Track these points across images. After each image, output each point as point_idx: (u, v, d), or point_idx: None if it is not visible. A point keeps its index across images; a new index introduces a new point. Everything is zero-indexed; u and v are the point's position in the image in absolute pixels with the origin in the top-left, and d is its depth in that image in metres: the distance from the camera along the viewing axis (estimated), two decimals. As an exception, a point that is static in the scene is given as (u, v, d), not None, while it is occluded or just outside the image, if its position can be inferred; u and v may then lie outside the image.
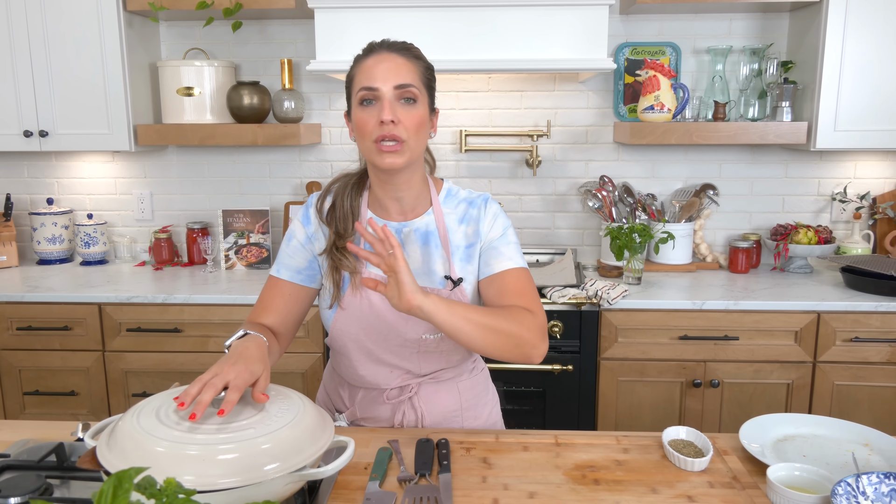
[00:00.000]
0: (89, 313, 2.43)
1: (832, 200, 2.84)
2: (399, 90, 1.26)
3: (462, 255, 1.38)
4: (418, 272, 1.36)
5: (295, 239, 1.41)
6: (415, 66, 1.30)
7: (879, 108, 2.46)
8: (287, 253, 1.42)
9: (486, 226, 1.38)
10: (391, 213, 1.38)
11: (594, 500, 1.08)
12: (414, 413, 1.41)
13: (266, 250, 2.84)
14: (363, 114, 1.27)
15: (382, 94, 1.25)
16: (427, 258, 1.37)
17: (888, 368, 2.31)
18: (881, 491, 1.05)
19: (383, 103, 1.25)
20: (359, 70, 1.30)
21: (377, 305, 1.34)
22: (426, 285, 1.35)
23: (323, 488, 1.15)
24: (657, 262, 2.77)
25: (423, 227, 1.38)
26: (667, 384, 2.38)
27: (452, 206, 1.40)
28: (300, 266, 1.41)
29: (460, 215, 1.39)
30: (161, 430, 1.00)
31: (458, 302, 1.21)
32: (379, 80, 1.25)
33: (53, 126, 2.62)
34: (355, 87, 1.29)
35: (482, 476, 1.16)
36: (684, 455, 1.19)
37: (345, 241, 1.35)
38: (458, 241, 1.38)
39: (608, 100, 2.83)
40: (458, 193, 1.42)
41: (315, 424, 1.08)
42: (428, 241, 1.37)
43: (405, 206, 1.37)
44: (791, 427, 1.33)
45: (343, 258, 1.34)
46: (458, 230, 1.38)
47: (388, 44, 1.31)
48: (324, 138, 2.91)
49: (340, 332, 1.39)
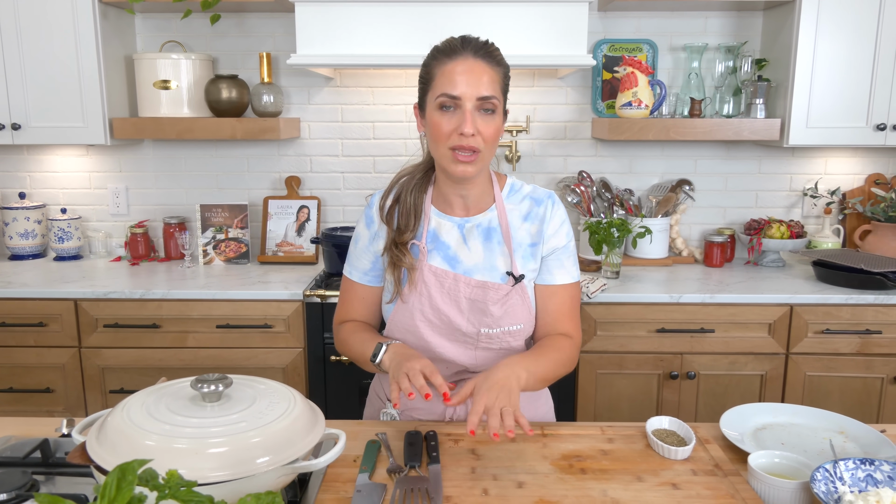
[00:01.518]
0: (65, 309, 2.40)
1: (804, 196, 2.91)
2: (481, 101, 1.24)
3: (525, 252, 1.38)
4: (479, 267, 1.36)
5: (360, 241, 1.44)
6: (496, 73, 1.28)
7: (849, 105, 2.52)
8: (355, 255, 1.45)
9: (551, 229, 1.39)
10: (455, 208, 1.39)
11: (582, 489, 1.10)
12: (465, 408, 1.41)
13: (245, 245, 2.82)
14: (441, 119, 1.25)
15: (464, 103, 1.24)
16: (489, 254, 1.37)
17: (858, 359, 2.38)
18: (857, 476, 1.08)
19: (465, 114, 1.24)
20: (440, 71, 1.27)
21: (436, 299, 1.35)
22: (487, 280, 1.36)
23: (313, 481, 1.15)
24: (635, 257, 2.81)
25: (486, 223, 1.38)
26: (645, 376, 2.42)
27: (516, 202, 1.40)
28: (366, 268, 1.44)
29: (524, 212, 1.39)
30: (152, 424, 0.99)
31: (532, 365, 1.25)
32: (462, 88, 1.24)
33: (27, 119, 2.57)
34: (435, 88, 1.27)
35: (471, 467, 1.18)
36: (668, 444, 1.22)
37: (406, 237, 1.36)
38: (522, 237, 1.38)
39: (586, 96, 2.86)
40: (522, 189, 1.42)
41: (306, 418, 1.08)
42: (490, 238, 1.37)
43: (469, 202, 1.38)
44: (769, 416, 1.36)
45: (401, 255, 1.35)
46: (521, 227, 1.39)
47: (472, 45, 1.28)
48: (303, 132, 2.89)
49: (399, 325, 1.40)
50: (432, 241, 1.38)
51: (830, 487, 1.06)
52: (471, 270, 1.37)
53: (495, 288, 1.35)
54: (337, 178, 2.93)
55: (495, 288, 1.35)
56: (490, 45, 1.31)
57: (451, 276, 1.36)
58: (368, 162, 2.91)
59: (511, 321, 1.37)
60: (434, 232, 1.39)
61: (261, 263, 2.81)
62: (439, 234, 1.39)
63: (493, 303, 1.35)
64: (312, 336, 2.41)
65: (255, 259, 2.86)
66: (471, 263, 1.37)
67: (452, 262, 1.37)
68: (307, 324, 2.40)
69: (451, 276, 1.36)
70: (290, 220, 2.85)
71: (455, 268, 1.37)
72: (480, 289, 1.35)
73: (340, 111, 2.88)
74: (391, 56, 2.36)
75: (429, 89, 1.29)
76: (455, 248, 1.38)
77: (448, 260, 1.37)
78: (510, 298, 1.36)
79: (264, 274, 2.64)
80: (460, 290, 1.35)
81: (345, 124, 2.89)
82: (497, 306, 1.35)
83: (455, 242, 1.38)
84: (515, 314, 1.37)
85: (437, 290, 1.36)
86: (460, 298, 1.36)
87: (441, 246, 1.38)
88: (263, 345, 2.41)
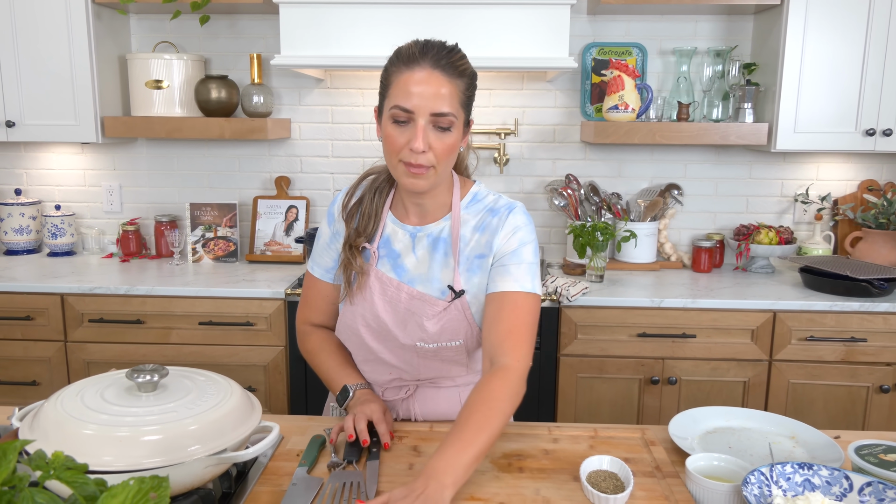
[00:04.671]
0: (52, 303, 2.44)
1: (795, 202, 2.88)
2: (435, 118, 1.19)
3: (471, 264, 1.31)
4: (422, 277, 1.32)
5: (322, 238, 1.43)
6: (456, 87, 1.21)
7: (837, 110, 2.50)
8: (318, 251, 1.44)
9: (502, 239, 1.29)
10: (410, 216, 1.35)
11: (515, 487, 1.10)
12: (409, 413, 1.41)
13: (234, 244, 2.85)
14: (394, 131, 1.21)
15: (417, 118, 1.19)
16: (433, 264, 1.32)
17: (843, 367, 2.35)
18: (794, 481, 1.07)
19: (416, 130, 1.19)
20: (396, 80, 1.21)
21: (377, 306, 1.33)
22: (426, 293, 1.31)
23: (251, 474, 1.16)
24: (622, 261, 2.79)
25: (437, 233, 1.33)
26: (625, 381, 2.41)
27: (474, 212, 1.34)
28: (328, 265, 1.43)
29: (478, 223, 1.32)
30: (84, 413, 1.01)
31: (459, 453, 1.06)
32: (415, 102, 1.18)
33: (21, 116, 2.62)
34: (390, 98, 1.22)
35: (409, 463, 1.18)
36: (602, 490, 1.07)
37: (359, 241, 1.34)
38: (471, 249, 1.31)
39: (575, 99, 2.85)
40: (485, 199, 1.35)
41: (242, 409, 1.09)
42: (437, 248, 1.33)
43: (425, 210, 1.34)
44: (722, 420, 1.35)
45: (353, 257, 1.33)
46: (472, 238, 1.32)
47: (432, 54, 1.20)
48: (293, 133, 2.92)
49: (345, 326, 1.40)
50: (384, 246, 1.36)
51: (765, 491, 1.05)
52: (413, 280, 1.32)
53: (432, 302, 1.30)
54: (326, 179, 2.95)
55: (432, 302, 1.30)
56: (454, 52, 1.23)
57: (394, 284, 1.32)
58: (358, 163, 2.93)
59: (449, 337, 1.32)
60: (388, 238, 1.36)
61: (249, 262, 2.84)
62: (392, 240, 1.35)
63: (429, 318, 1.30)
64: (294, 334, 2.41)
65: (244, 258, 2.89)
66: (415, 273, 1.33)
67: (399, 271, 1.33)
68: (289, 322, 2.41)
69: (395, 284, 1.32)
70: (278, 220, 2.87)
71: (400, 276, 1.33)
72: (419, 300, 1.30)
73: (331, 112, 2.90)
74: (374, 57, 2.37)
75: (385, 96, 1.24)
76: (403, 256, 1.34)
77: (395, 268, 1.34)
78: (448, 314, 1.30)
79: (251, 272, 2.66)
80: (401, 299, 1.31)
81: (335, 125, 2.91)
82: (432, 321, 1.30)
83: (404, 250, 1.34)
84: (454, 330, 1.31)
85: (379, 297, 1.33)
86: (399, 308, 1.32)
87: (391, 253, 1.35)
88: (245, 342, 2.43)
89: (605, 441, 1.28)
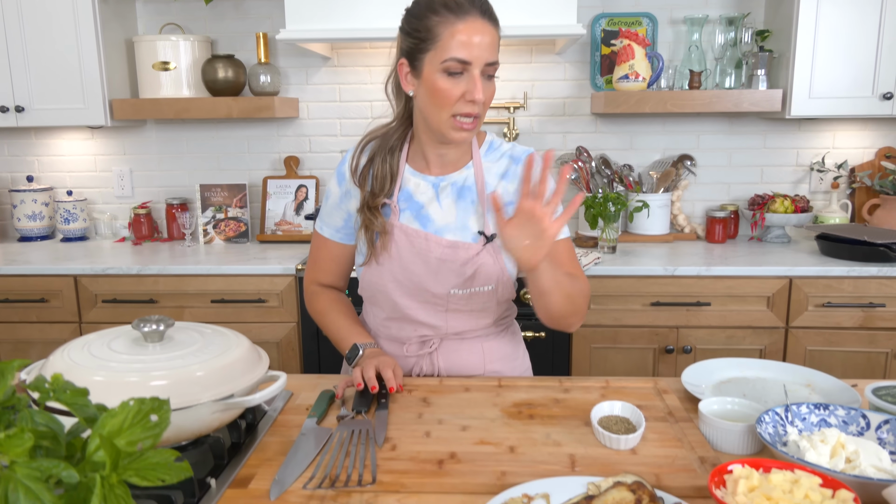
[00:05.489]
0: (65, 285, 2.45)
1: (811, 171, 2.83)
2: (487, 67, 1.20)
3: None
4: (451, 227, 1.33)
5: (332, 198, 1.43)
6: (497, 34, 1.23)
7: (853, 75, 2.45)
8: (326, 211, 1.44)
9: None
10: (431, 167, 1.36)
11: (525, 432, 1.08)
12: (432, 367, 1.41)
13: (244, 224, 2.85)
14: (447, 83, 1.19)
15: (473, 70, 1.19)
16: (461, 213, 1.33)
17: (860, 333, 2.31)
18: (810, 421, 1.05)
19: (474, 81, 1.19)
20: (446, 31, 1.18)
21: (406, 259, 1.33)
22: (458, 240, 1.32)
23: (261, 426, 1.15)
24: (634, 233, 2.77)
25: (461, 182, 1.35)
26: (639, 351, 2.38)
27: (494, 159, 1.36)
28: (338, 224, 1.43)
29: (502, 170, 1.35)
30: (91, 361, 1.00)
31: (558, 266, 1.21)
32: (476, 53, 1.18)
33: (30, 101, 2.63)
34: (440, 50, 1.19)
35: (419, 413, 1.17)
36: (614, 432, 1.06)
37: (378, 200, 1.34)
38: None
39: (585, 71, 2.82)
40: (501, 147, 1.38)
41: (248, 358, 1.08)
42: (463, 196, 1.34)
43: (447, 161, 1.35)
44: (736, 370, 1.33)
45: (374, 218, 1.33)
46: (497, 185, 1.34)
47: (479, 2, 1.21)
48: (301, 113, 2.91)
49: (371, 286, 1.39)
50: (405, 200, 1.36)
51: (780, 430, 1.02)
52: (442, 230, 1.33)
53: (465, 247, 1.31)
54: (335, 158, 2.94)
55: (465, 247, 1.31)
56: (489, 2, 1.25)
57: (422, 236, 1.33)
58: (367, 141, 2.91)
59: (482, 282, 1.34)
60: (408, 191, 1.36)
61: (260, 242, 2.84)
62: (413, 193, 1.36)
63: (464, 263, 1.32)
64: (306, 311, 2.42)
65: (255, 238, 2.89)
66: (442, 223, 1.34)
67: (424, 222, 1.34)
68: (300, 298, 2.41)
69: (423, 236, 1.33)
70: (288, 200, 2.87)
71: (426, 227, 1.34)
72: (451, 248, 1.32)
73: (338, 91, 2.89)
74: (382, 29, 2.35)
75: (429, 49, 1.20)
76: (427, 207, 1.35)
77: (420, 219, 1.34)
78: (481, 258, 1.32)
79: (262, 252, 2.66)
80: (431, 249, 1.32)
81: (343, 104, 2.90)
82: (467, 266, 1.32)
83: (428, 201, 1.35)
84: (487, 274, 1.33)
85: (407, 251, 1.33)
86: (430, 259, 1.33)
87: (414, 205, 1.35)
88: (258, 319, 2.43)
89: (617, 391, 1.26)
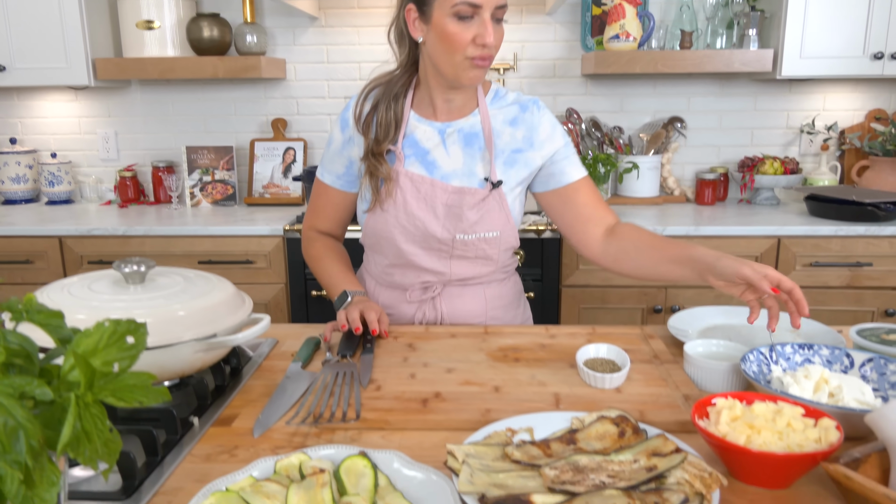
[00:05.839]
0: (50, 246, 2.43)
1: (801, 133, 2.82)
2: (497, 10, 1.21)
3: (508, 158, 1.33)
4: (458, 173, 1.33)
5: (334, 144, 1.42)
6: None
7: (845, 34, 2.43)
8: (328, 157, 1.44)
9: (544, 134, 1.33)
10: (437, 113, 1.35)
11: (510, 374, 1.09)
12: (435, 312, 1.41)
13: (231, 187, 2.82)
14: (457, 27, 1.20)
15: (484, 13, 1.19)
16: (468, 159, 1.33)
17: (848, 292, 2.32)
18: (795, 361, 1.05)
19: (485, 24, 1.19)
20: None
21: (411, 205, 1.32)
22: (465, 185, 1.32)
23: (245, 370, 1.15)
24: (624, 196, 2.76)
25: (468, 128, 1.34)
26: (628, 311, 2.39)
27: (501, 106, 1.36)
28: (339, 171, 1.42)
29: (509, 117, 1.35)
30: (71, 301, 0.99)
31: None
32: None
33: (11, 60, 2.58)
34: None
35: (404, 357, 1.17)
36: (599, 371, 1.07)
37: (384, 146, 1.33)
38: (505, 143, 1.34)
39: (575, 32, 2.79)
40: (507, 95, 1.37)
41: (231, 301, 1.08)
42: (471, 143, 1.33)
43: (454, 106, 1.34)
44: (722, 317, 1.33)
45: (378, 164, 1.32)
46: (505, 132, 1.34)
47: None
48: (289, 74, 2.87)
49: (375, 234, 1.38)
50: (410, 146, 1.34)
51: (764, 369, 1.03)
52: (448, 176, 1.33)
53: (472, 192, 1.31)
54: (324, 120, 2.91)
55: (472, 192, 1.31)
56: None
57: (427, 182, 1.32)
58: (355, 103, 2.88)
59: (487, 227, 1.33)
60: (413, 137, 1.35)
61: (248, 205, 2.81)
62: (418, 139, 1.35)
63: (469, 207, 1.31)
64: (294, 272, 2.41)
65: (242, 201, 2.87)
66: (449, 169, 1.33)
67: (430, 168, 1.33)
68: (288, 259, 2.40)
69: (428, 182, 1.32)
70: (276, 162, 2.84)
71: (432, 173, 1.33)
72: (457, 194, 1.31)
73: (326, 52, 2.85)
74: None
75: None
76: (433, 153, 1.34)
77: (426, 165, 1.33)
78: (486, 204, 1.31)
79: (250, 214, 2.64)
80: (437, 195, 1.32)
81: (330, 65, 2.86)
82: (473, 211, 1.31)
83: (434, 147, 1.34)
84: (492, 220, 1.33)
85: (412, 196, 1.32)
86: (436, 204, 1.32)
87: (419, 151, 1.34)
88: (245, 280, 2.42)
89: (603, 336, 1.26)
